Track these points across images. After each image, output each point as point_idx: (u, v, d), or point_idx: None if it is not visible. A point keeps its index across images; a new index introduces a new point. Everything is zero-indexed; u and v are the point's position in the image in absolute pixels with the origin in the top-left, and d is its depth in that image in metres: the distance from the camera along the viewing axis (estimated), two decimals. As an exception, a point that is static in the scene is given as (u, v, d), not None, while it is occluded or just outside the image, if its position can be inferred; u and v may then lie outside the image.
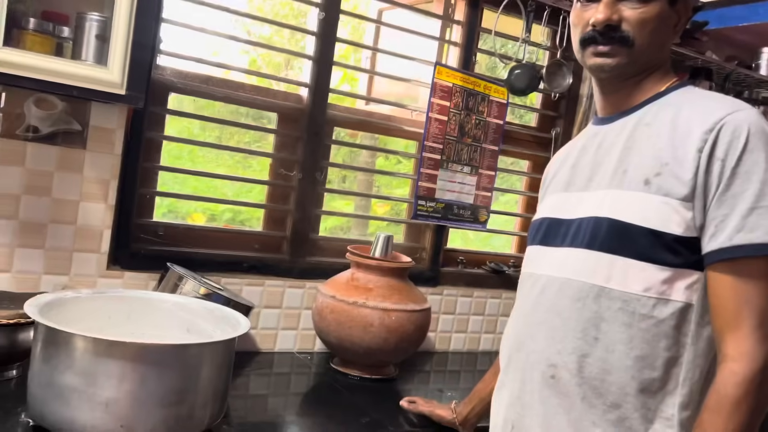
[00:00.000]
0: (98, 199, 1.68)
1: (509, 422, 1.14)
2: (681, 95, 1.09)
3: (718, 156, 0.98)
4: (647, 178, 1.02)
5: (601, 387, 1.02)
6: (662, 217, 0.99)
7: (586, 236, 1.06)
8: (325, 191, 2.07)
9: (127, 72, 1.39)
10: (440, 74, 2.15)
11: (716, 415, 0.94)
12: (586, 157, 1.15)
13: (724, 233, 0.97)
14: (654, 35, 1.07)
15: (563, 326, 1.06)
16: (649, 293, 1.00)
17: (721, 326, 0.98)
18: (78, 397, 1.13)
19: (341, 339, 1.78)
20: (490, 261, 2.42)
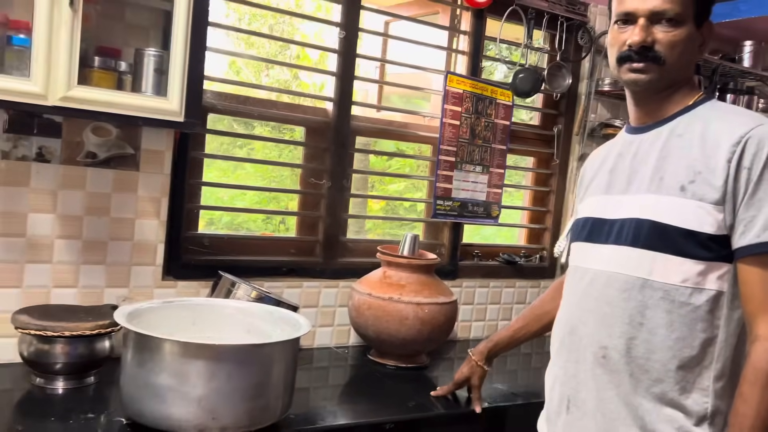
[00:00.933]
0: (152, 216, 1.82)
1: (565, 397, 1.28)
2: (708, 109, 1.23)
3: (745, 165, 1.12)
4: (683, 185, 1.16)
5: (646, 365, 1.17)
6: (697, 219, 1.14)
7: (630, 235, 1.20)
8: (350, 196, 2.22)
9: (185, 101, 1.53)
10: (451, 82, 2.30)
11: (755, 386, 1.09)
12: (623, 163, 1.29)
13: (752, 232, 1.11)
14: (682, 55, 1.20)
15: (612, 313, 1.21)
16: (686, 284, 1.15)
17: (752, 310, 1.12)
18: (173, 395, 1.28)
19: (379, 332, 1.94)
20: (503, 253, 2.59)
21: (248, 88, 2.04)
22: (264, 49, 2.36)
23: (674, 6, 1.17)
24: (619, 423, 1.20)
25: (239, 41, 2.23)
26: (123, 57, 1.62)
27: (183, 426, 1.29)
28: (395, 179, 2.56)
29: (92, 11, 1.53)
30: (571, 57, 2.56)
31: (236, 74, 2.35)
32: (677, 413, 1.17)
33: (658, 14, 1.18)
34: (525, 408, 1.78)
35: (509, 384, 1.99)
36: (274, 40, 2.17)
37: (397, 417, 1.59)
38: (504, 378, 2.07)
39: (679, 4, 1.18)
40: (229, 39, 2.15)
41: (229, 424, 1.31)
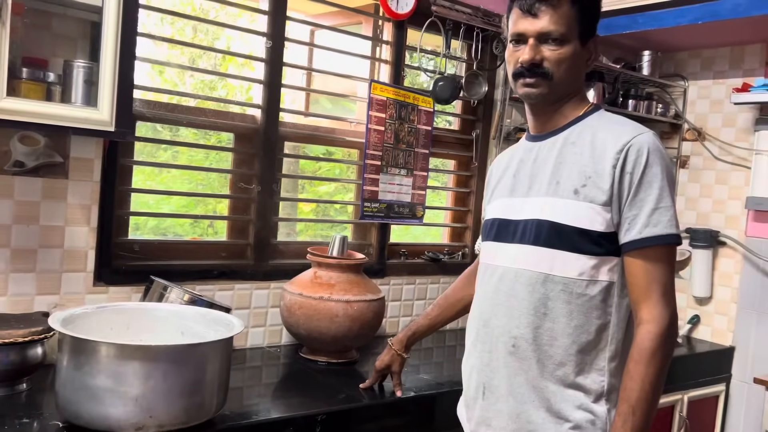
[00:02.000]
0: (82, 223, 1.84)
1: (481, 384, 1.40)
2: (596, 119, 1.37)
3: (627, 170, 1.27)
4: (576, 189, 1.30)
5: (550, 350, 1.31)
6: (589, 219, 1.28)
7: (532, 234, 1.33)
8: (280, 200, 2.30)
9: (115, 110, 1.57)
10: (375, 90, 2.41)
11: (639, 364, 1.24)
12: (525, 168, 1.42)
13: (635, 228, 1.26)
14: (569, 70, 1.34)
15: (519, 306, 1.34)
16: (582, 277, 1.29)
17: (636, 298, 1.27)
18: (111, 395, 1.33)
19: (310, 330, 2.02)
20: (428, 251, 2.72)
21: (178, 96, 2.08)
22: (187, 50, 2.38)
23: (559, 27, 1.31)
24: (528, 405, 1.33)
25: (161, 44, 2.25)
26: (51, 68, 1.64)
27: (121, 425, 1.34)
28: (325, 182, 2.64)
29: (19, 23, 1.55)
30: (487, 66, 2.71)
31: (159, 75, 2.36)
32: (578, 393, 1.31)
33: (545, 35, 1.31)
34: (449, 396, 1.91)
35: (434, 374, 2.12)
36: (208, 50, 2.21)
37: (328, 409, 1.68)
38: (430, 369, 2.20)
39: (563, 25, 1.31)
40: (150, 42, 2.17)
41: (166, 421, 1.37)
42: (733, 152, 2.95)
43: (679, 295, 3.06)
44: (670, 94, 3.14)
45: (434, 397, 1.91)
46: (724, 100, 2.96)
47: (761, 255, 2.82)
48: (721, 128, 3.00)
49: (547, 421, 1.31)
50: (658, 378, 1.23)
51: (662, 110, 3.05)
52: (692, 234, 3.00)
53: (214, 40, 2.42)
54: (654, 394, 1.23)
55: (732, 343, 2.93)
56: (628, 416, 1.23)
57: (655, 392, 1.24)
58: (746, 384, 2.81)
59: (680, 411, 2.68)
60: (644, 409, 1.22)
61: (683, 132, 3.12)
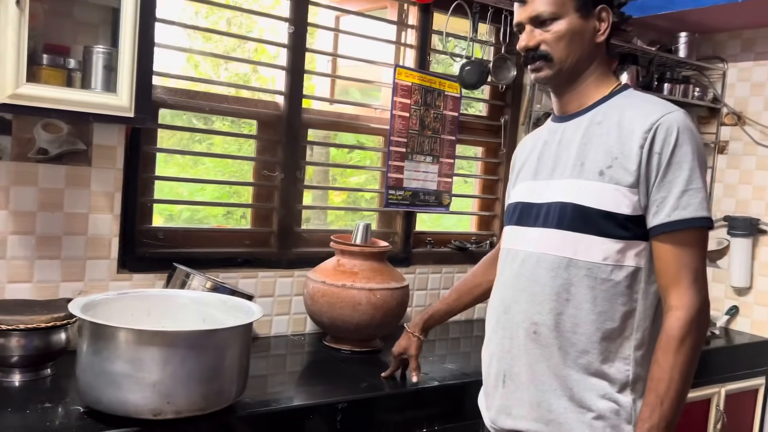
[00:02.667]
0: (105, 211, 1.85)
1: (501, 371, 1.36)
2: (624, 99, 1.32)
3: (656, 150, 1.22)
4: (601, 170, 1.25)
5: (573, 338, 1.26)
6: (615, 201, 1.23)
7: (555, 218, 1.29)
8: (305, 188, 2.28)
9: (134, 96, 1.57)
10: (400, 75, 2.38)
11: (667, 352, 1.19)
12: (549, 150, 1.38)
13: (664, 211, 1.21)
14: (569, 47, 1.30)
15: (541, 291, 1.29)
16: (607, 261, 1.24)
17: (665, 284, 1.22)
18: (129, 381, 1.33)
19: (333, 318, 2.01)
20: (454, 240, 2.68)
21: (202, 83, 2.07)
22: (222, 43, 2.38)
23: (547, 7, 1.29)
24: (550, 394, 1.29)
25: (196, 36, 2.25)
26: (72, 54, 1.65)
27: (139, 410, 1.34)
28: (356, 172, 2.61)
29: (39, 9, 1.55)
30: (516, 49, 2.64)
31: (194, 68, 2.37)
32: (602, 382, 1.26)
33: (536, 18, 1.30)
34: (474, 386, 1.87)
35: (460, 364, 2.08)
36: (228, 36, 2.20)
37: (350, 397, 1.66)
38: (456, 359, 2.16)
39: (552, 4, 1.29)
40: (185, 34, 2.18)
41: (184, 407, 1.36)
42: (775, 137, 2.83)
43: (717, 285, 2.98)
44: (708, 77, 3.02)
45: (458, 387, 1.87)
46: (766, 82, 2.84)
47: (804, 244, 2.71)
48: (763, 112, 2.88)
49: (570, 410, 1.27)
50: (687, 367, 1.19)
51: (700, 94, 2.94)
52: (731, 222, 2.89)
53: (248, 32, 2.40)
54: (683, 384, 1.18)
55: (773, 335, 2.82)
56: (656, 407, 1.18)
57: (685, 382, 1.19)
58: (787, 378, 2.70)
59: (717, 404, 2.59)
60: (673, 399, 1.18)
61: (722, 116, 3.01)
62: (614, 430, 1.25)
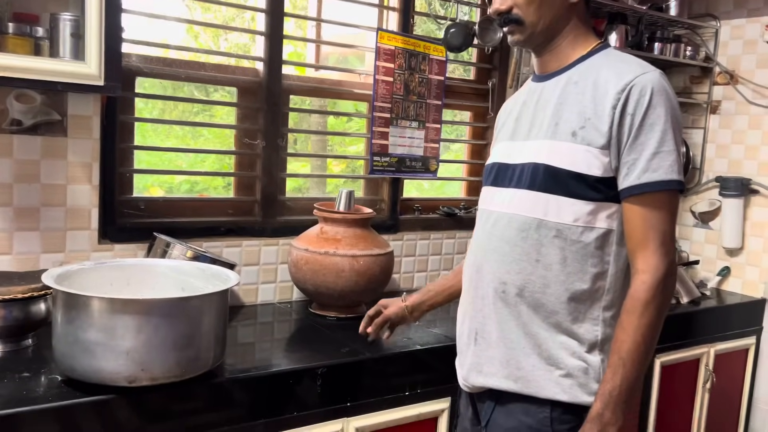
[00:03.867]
0: (83, 181, 1.84)
1: (473, 329, 1.38)
2: (602, 58, 1.30)
3: (629, 111, 1.20)
4: (574, 131, 1.24)
5: (542, 298, 1.27)
6: (586, 163, 1.22)
7: (527, 179, 1.28)
8: (287, 156, 2.26)
9: (103, 64, 1.55)
10: (383, 39, 2.34)
11: (632, 315, 1.19)
12: (527, 110, 1.37)
13: (633, 173, 1.20)
14: (540, 9, 1.29)
15: (511, 251, 1.30)
16: (577, 223, 1.24)
17: (633, 246, 1.22)
18: (102, 349, 1.33)
19: (317, 285, 2.01)
20: (442, 206, 2.66)
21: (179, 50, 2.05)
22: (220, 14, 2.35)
23: None
24: (519, 351, 1.30)
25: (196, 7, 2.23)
26: (41, 23, 1.62)
27: (114, 378, 1.34)
28: (355, 140, 2.59)
29: (5, -24, 1.52)
30: (502, 10, 2.59)
31: (194, 39, 2.35)
32: (571, 341, 1.27)
33: None
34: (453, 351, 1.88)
35: (447, 329, 2.08)
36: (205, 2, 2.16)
37: (329, 362, 1.66)
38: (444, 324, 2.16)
39: None
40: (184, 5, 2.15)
41: (159, 374, 1.37)
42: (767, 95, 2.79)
43: (709, 246, 2.97)
44: (700, 36, 2.97)
45: (441, 350, 1.87)
46: (759, 39, 2.78)
47: (796, 203, 2.68)
48: (756, 70, 2.83)
49: (537, 368, 1.28)
50: (651, 330, 1.19)
51: (692, 53, 2.89)
52: (722, 183, 2.86)
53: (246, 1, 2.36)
54: (646, 346, 1.19)
55: (764, 294, 2.81)
56: (618, 368, 1.19)
57: (648, 344, 1.19)
58: (778, 337, 2.70)
59: (706, 364, 2.60)
60: (635, 360, 1.18)
61: (714, 76, 2.96)
62: (582, 388, 1.26)
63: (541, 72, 1.38)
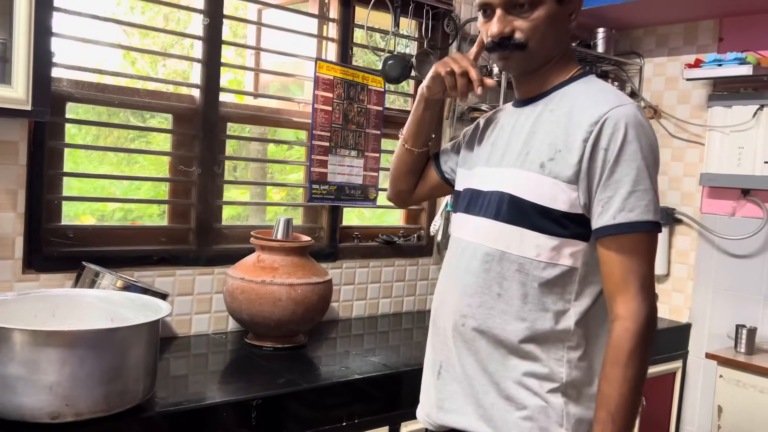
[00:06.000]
0: (7, 209, 1.77)
1: (437, 362, 1.32)
2: (580, 86, 1.23)
3: (602, 146, 1.13)
4: (543, 162, 1.18)
5: (501, 334, 1.21)
6: (552, 196, 1.16)
7: (493, 208, 1.23)
8: (224, 183, 2.24)
9: (31, 89, 1.50)
10: (321, 68, 2.36)
11: (616, 366, 1.12)
12: (503, 135, 1.30)
13: (608, 213, 1.13)
14: (546, 35, 1.20)
15: (473, 283, 1.24)
16: (540, 258, 1.18)
17: (611, 290, 1.15)
18: (23, 384, 1.27)
19: (253, 315, 1.98)
20: (382, 234, 2.68)
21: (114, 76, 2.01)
22: (159, 40, 2.33)
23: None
24: (479, 388, 1.24)
25: (133, 32, 2.19)
26: (-35, 45, 1.57)
27: (36, 414, 1.28)
28: (295, 168, 2.58)
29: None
30: (439, 44, 2.67)
31: (131, 65, 2.31)
32: (531, 380, 1.21)
33: (511, 2, 1.19)
34: (393, 378, 1.88)
35: (385, 357, 2.08)
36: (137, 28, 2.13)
37: (265, 393, 1.64)
38: (383, 352, 2.16)
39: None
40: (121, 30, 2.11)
41: (85, 409, 1.31)
42: (688, 129, 2.95)
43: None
44: (626, 72, 3.12)
45: (380, 379, 1.87)
46: (679, 77, 2.94)
47: (715, 231, 2.83)
48: (677, 105, 2.99)
49: (497, 407, 1.22)
50: (637, 380, 1.12)
51: (619, 88, 3.02)
52: (649, 212, 2.98)
53: (184, 28, 2.34)
54: (634, 398, 1.12)
55: (689, 320, 2.93)
56: (607, 423, 1.12)
57: (635, 396, 1.12)
58: (702, 360, 2.82)
59: (636, 388, 2.67)
60: (624, 414, 1.12)
61: (640, 110, 3.10)
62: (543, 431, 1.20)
63: (521, 97, 1.32)
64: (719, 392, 2.60)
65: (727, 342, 2.73)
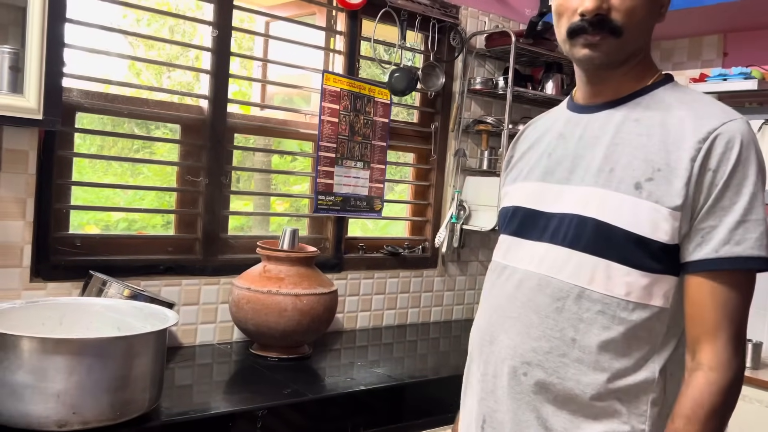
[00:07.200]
0: (16, 217, 1.78)
1: (482, 416, 1.11)
2: (671, 93, 1.06)
3: (711, 167, 0.96)
4: (638, 182, 0.99)
5: (575, 388, 1.01)
6: (652, 224, 0.97)
7: (570, 234, 1.03)
8: (230, 193, 2.25)
9: (43, 98, 1.52)
10: (328, 80, 2.38)
11: (693, 423, 0.94)
12: (566, 146, 1.10)
13: (710, 245, 0.96)
14: (642, 23, 1.03)
15: (540, 324, 1.04)
16: (630, 297, 0.99)
17: (698, 334, 0.97)
18: (31, 392, 1.28)
19: (258, 325, 1.98)
20: (387, 245, 2.68)
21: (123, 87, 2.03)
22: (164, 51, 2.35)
23: None
24: None
25: (138, 44, 2.22)
26: (-22, 55, 1.59)
27: (42, 422, 1.29)
28: (299, 179, 2.59)
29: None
30: (445, 57, 2.69)
31: (136, 76, 2.33)
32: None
33: None
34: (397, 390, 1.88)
35: (390, 369, 2.08)
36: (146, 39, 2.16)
37: (269, 404, 1.64)
38: (387, 364, 2.16)
39: None
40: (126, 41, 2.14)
41: (91, 417, 1.32)
42: (693, 143, 2.95)
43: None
44: (631, 86, 3.13)
45: (384, 391, 1.87)
46: (684, 91, 2.95)
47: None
48: (681, 119, 3.00)
49: None
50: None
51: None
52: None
53: (189, 40, 2.37)
54: None
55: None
56: None
57: None
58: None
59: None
60: None
61: (644, 124, 3.11)
62: None
63: (587, 101, 1.10)
64: (724, 407, 2.58)
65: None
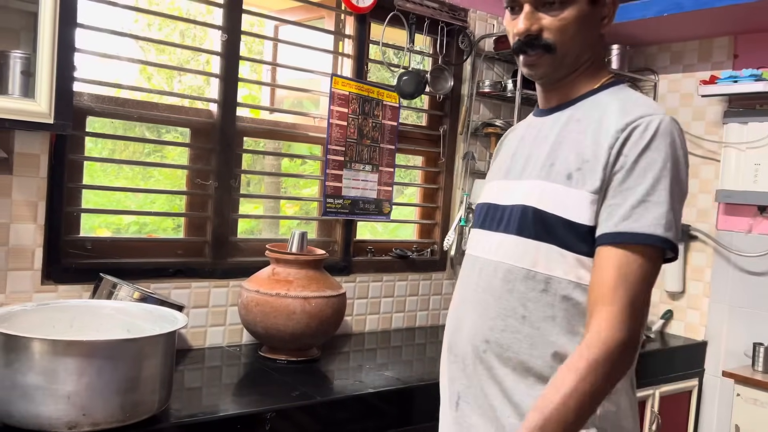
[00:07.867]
0: (28, 220, 1.80)
1: (455, 393, 1.21)
2: (611, 95, 1.14)
3: (624, 153, 1.05)
4: (570, 173, 1.09)
5: (529, 361, 1.10)
6: (578, 209, 1.07)
7: (516, 223, 1.13)
8: (240, 197, 2.26)
9: (54, 102, 1.53)
10: (337, 84, 2.38)
11: (571, 373, 1.00)
12: (523, 147, 1.22)
13: (612, 220, 1.04)
14: (576, 37, 1.11)
15: (495, 305, 1.14)
16: (568, 277, 1.08)
17: (596, 299, 1.04)
18: (42, 393, 1.29)
19: (267, 328, 1.98)
20: (395, 248, 2.68)
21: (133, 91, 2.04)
22: (175, 56, 2.37)
23: None
24: (504, 421, 1.13)
25: (149, 48, 2.24)
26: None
27: (53, 423, 1.30)
28: (309, 182, 2.60)
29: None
30: (453, 60, 2.69)
31: (147, 80, 2.35)
32: None
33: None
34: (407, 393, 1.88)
35: (399, 372, 2.08)
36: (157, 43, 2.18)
37: (279, 406, 1.64)
38: (396, 367, 2.16)
39: None
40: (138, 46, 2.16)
41: (101, 419, 1.33)
42: (703, 145, 2.94)
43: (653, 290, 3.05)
44: (640, 89, 3.12)
45: (393, 393, 1.87)
46: (694, 93, 2.94)
47: (731, 248, 2.80)
48: (692, 122, 2.99)
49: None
50: (588, 399, 0.99)
51: (632, 104, 3.02)
52: (664, 228, 2.97)
53: (200, 44, 2.38)
54: (576, 416, 0.99)
55: (705, 337, 2.90)
56: (534, 430, 1.00)
57: (579, 414, 1.00)
58: (718, 378, 2.78)
59: (652, 406, 2.65)
60: (556, 429, 0.99)
61: (654, 126, 3.10)
62: None
63: (544, 106, 1.23)
64: (737, 411, 2.56)
65: (744, 360, 2.70)
